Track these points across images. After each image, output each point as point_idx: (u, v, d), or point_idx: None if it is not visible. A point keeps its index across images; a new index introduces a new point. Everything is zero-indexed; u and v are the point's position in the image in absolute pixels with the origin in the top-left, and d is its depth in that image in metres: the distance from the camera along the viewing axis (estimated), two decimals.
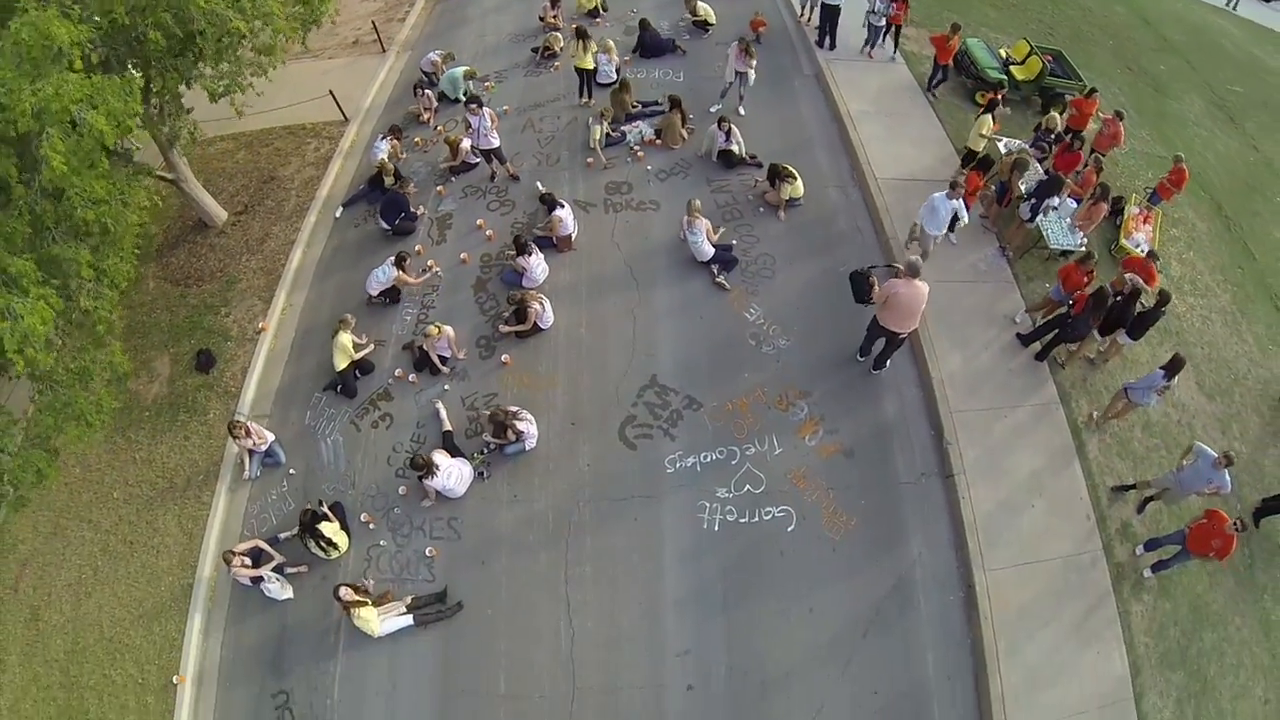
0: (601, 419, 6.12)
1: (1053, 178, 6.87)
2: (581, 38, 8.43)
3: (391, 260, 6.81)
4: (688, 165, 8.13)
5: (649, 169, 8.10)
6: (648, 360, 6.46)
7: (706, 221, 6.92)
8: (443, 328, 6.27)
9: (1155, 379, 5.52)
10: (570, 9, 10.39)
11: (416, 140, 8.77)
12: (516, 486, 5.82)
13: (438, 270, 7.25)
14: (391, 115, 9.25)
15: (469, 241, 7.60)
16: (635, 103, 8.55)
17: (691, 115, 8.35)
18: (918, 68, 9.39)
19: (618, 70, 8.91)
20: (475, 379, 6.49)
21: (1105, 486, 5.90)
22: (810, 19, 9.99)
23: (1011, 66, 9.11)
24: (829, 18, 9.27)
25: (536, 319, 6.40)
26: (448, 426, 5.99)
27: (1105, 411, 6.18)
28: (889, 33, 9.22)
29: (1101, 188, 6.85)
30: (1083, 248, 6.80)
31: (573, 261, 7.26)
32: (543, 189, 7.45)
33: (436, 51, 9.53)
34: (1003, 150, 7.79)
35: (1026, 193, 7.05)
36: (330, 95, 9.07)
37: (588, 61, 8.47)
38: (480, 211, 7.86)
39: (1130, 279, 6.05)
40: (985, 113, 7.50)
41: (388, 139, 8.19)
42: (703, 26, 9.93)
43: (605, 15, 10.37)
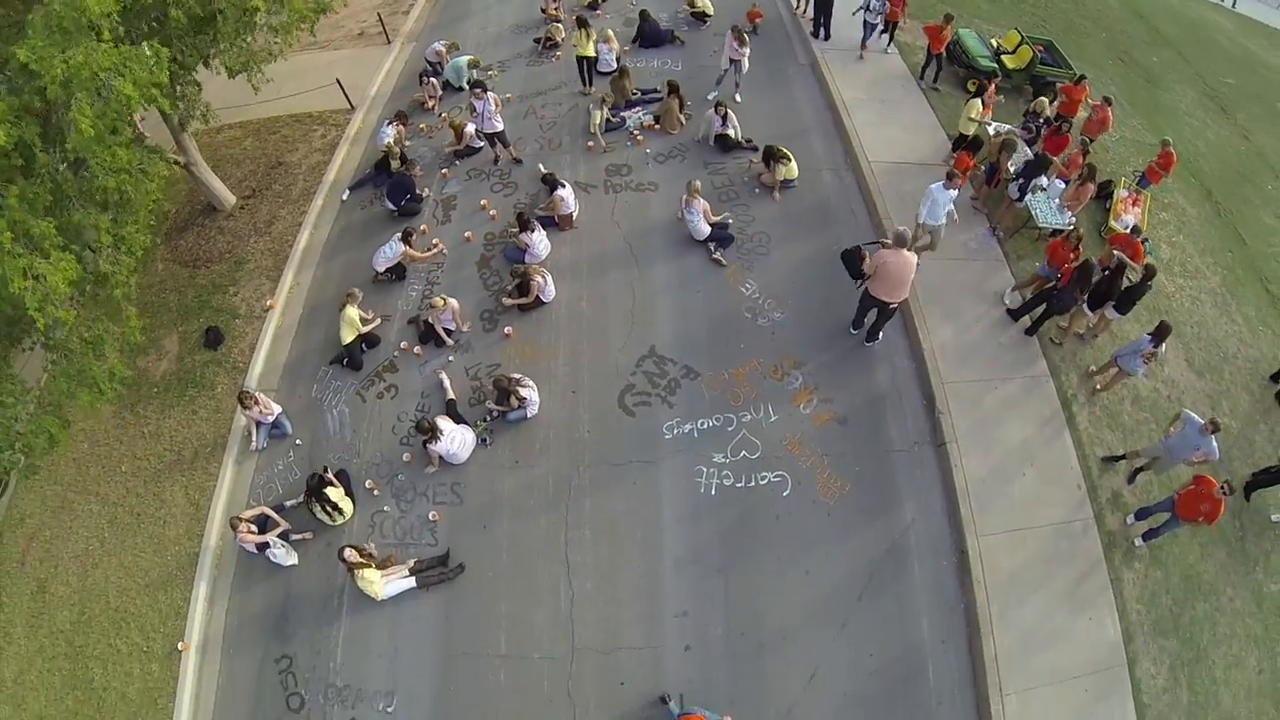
0: (601, 388, 6.25)
1: (1040, 158, 7.04)
2: (582, 26, 8.65)
3: (398, 236, 6.97)
4: (685, 149, 8.32)
5: (648, 152, 8.30)
6: (646, 332, 6.60)
7: (705, 202, 7.09)
8: (447, 300, 6.42)
9: (1142, 343, 5.65)
10: (571, 1, 10.63)
11: (421, 126, 8.97)
12: (518, 452, 5.95)
13: (443, 249, 7.41)
14: (397, 103, 9.44)
15: (473, 221, 7.77)
16: (635, 90, 8.75)
17: (689, 102, 8.54)
18: (910, 58, 9.60)
19: (618, 59, 9.12)
20: (479, 350, 6.63)
21: (1095, 457, 5.99)
22: (805, 10, 10.23)
23: (1003, 55, 9.32)
24: (823, 9, 9.51)
25: (539, 292, 6.56)
26: (451, 395, 6.13)
27: (1096, 379, 6.30)
28: (884, 30, 9.39)
29: (1088, 168, 7.01)
30: (1071, 227, 6.96)
31: (574, 239, 7.42)
32: (544, 170, 7.63)
33: (441, 41, 9.76)
34: (991, 133, 7.97)
35: (1015, 173, 7.21)
36: (337, 83, 9.28)
37: (589, 49, 8.68)
38: (484, 193, 8.05)
39: (1116, 254, 6.20)
40: (974, 97, 7.69)
41: (394, 124, 8.38)
42: (701, 18, 10.16)
43: (605, 7, 10.60)
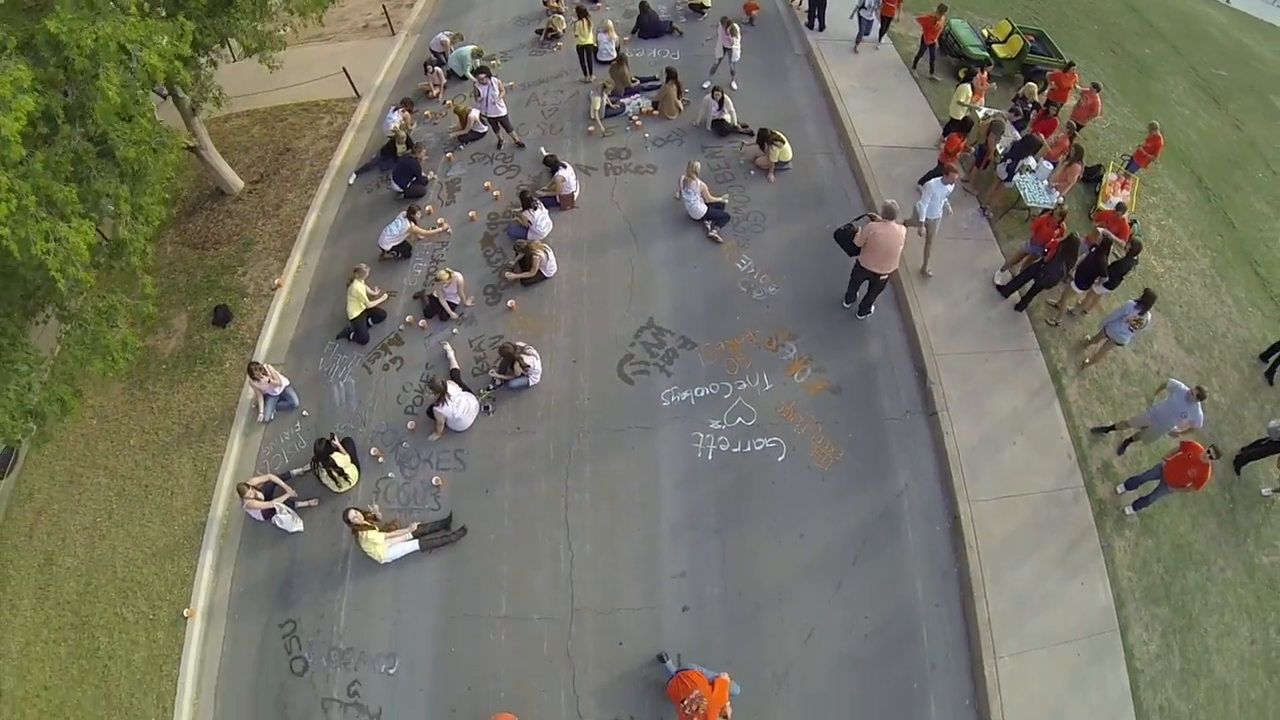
0: (601, 357, 6.39)
1: (1027, 138, 7.21)
2: (582, 16, 8.89)
3: (403, 214, 7.15)
4: (683, 133, 8.52)
5: (646, 136, 8.50)
6: (645, 305, 6.76)
7: (703, 183, 7.26)
8: (452, 273, 6.60)
9: (1128, 309, 5.78)
10: None
11: (426, 113, 9.19)
12: (520, 419, 6.08)
13: (447, 227, 7.59)
14: (402, 92, 9.67)
15: (477, 202, 7.96)
16: (634, 77, 8.95)
17: (687, 89, 8.74)
18: (904, 47, 9.80)
19: (617, 48, 9.34)
20: (482, 323, 6.79)
21: (1085, 429, 6.09)
22: (801, 2, 10.43)
23: (994, 45, 9.52)
24: (818, 1, 9.71)
25: (541, 266, 6.72)
26: (455, 365, 6.27)
27: (1086, 353, 6.42)
28: (881, 29, 9.56)
29: (1075, 149, 7.17)
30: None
31: (575, 218, 7.60)
32: (546, 152, 7.82)
33: (445, 32, 10.01)
34: (980, 116, 8.16)
35: (1003, 154, 7.38)
36: (343, 72, 9.50)
37: (589, 38, 8.91)
38: (487, 176, 8.24)
39: (1102, 231, 6.35)
40: (964, 82, 7.89)
41: (399, 110, 8.59)
42: (699, 9, 10.40)
43: None
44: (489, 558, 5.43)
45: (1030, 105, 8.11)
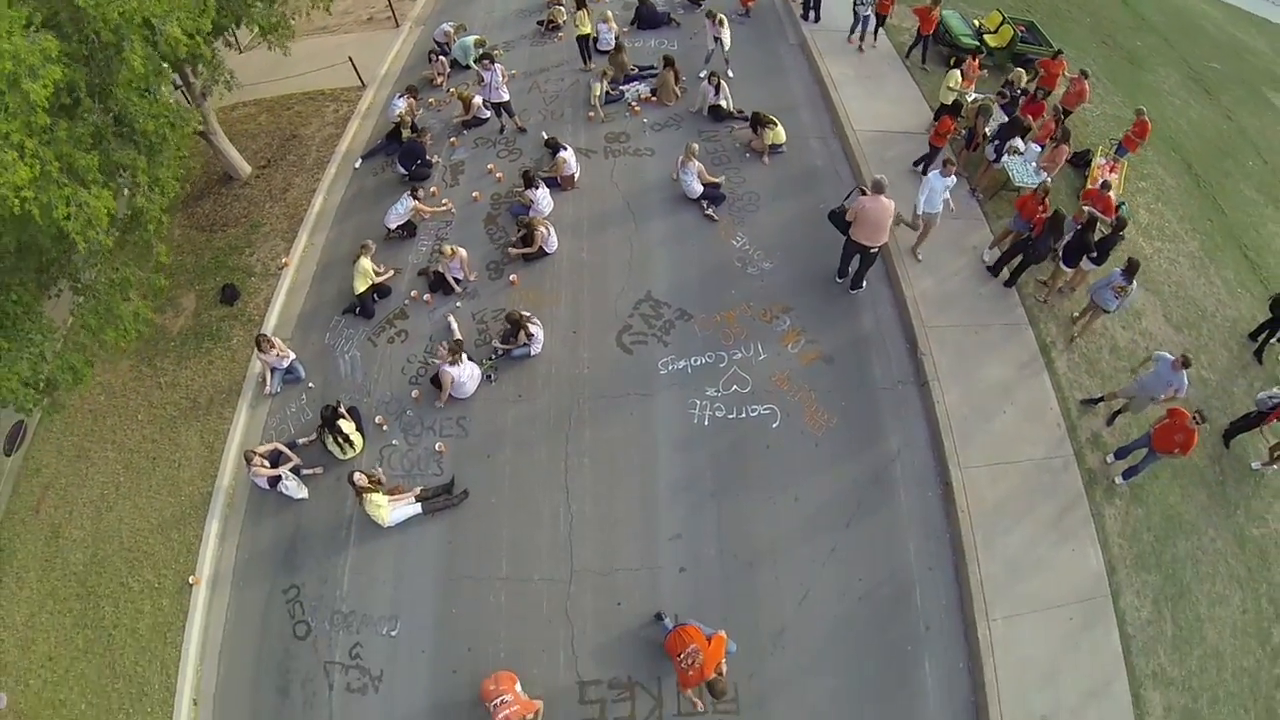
0: (600, 328, 6.55)
1: (1014, 119, 7.38)
2: (582, 6, 9.11)
3: (408, 193, 7.33)
4: (680, 119, 8.72)
5: (645, 122, 8.70)
6: (643, 280, 6.92)
7: (700, 164, 7.43)
8: (456, 249, 6.76)
9: (1114, 276, 5.93)
10: None
11: (431, 101, 9.40)
12: (521, 387, 6.22)
13: (450, 206, 7.77)
14: (406, 81, 9.85)
15: (480, 184, 8.14)
16: (633, 65, 9.16)
17: (684, 77, 8.94)
18: (897, 38, 10.01)
19: (616, 37, 9.55)
20: (485, 297, 6.95)
21: (1074, 400, 6.18)
22: None
23: (985, 35, 9.73)
24: None
25: (542, 242, 6.89)
26: (458, 336, 6.42)
27: (1075, 326, 6.56)
28: (877, 25, 9.70)
29: (1063, 131, 7.34)
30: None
31: (575, 198, 7.78)
32: (547, 136, 8.01)
33: (449, 23, 10.26)
34: (969, 100, 8.34)
35: (991, 135, 7.55)
36: (349, 61, 9.72)
37: (588, 27, 9.13)
38: (490, 159, 8.44)
39: (1087, 209, 6.50)
40: (954, 68, 8.08)
41: (404, 97, 8.79)
42: (695, 1, 10.62)
43: None
44: (490, 521, 5.53)
45: (1019, 90, 8.28)
